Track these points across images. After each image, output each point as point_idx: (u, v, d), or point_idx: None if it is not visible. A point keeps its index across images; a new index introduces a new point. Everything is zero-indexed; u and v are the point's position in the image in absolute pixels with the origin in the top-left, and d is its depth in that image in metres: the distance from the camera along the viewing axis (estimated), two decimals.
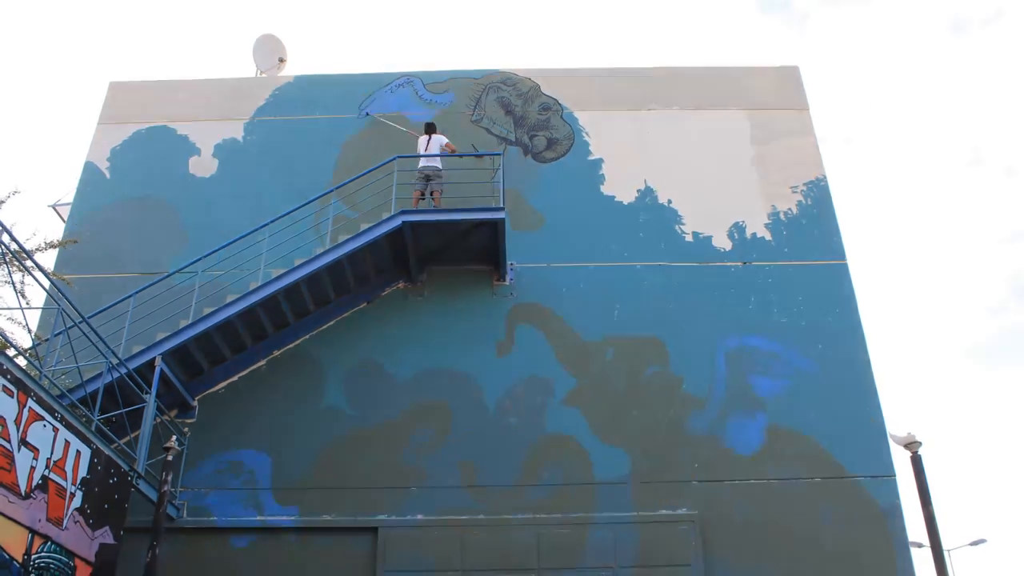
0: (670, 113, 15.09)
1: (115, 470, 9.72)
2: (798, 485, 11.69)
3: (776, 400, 12.30)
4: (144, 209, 14.19)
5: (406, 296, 13.18)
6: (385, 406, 12.25)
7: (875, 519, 11.43)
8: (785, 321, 12.98)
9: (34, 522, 8.07)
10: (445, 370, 12.51)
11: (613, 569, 11.03)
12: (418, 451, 11.90)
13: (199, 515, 11.48)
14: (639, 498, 11.57)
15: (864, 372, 12.55)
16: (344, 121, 15.01)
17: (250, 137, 14.95)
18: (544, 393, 12.32)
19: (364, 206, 13.51)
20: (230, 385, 12.45)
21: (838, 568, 11.09)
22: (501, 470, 11.76)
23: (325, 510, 11.51)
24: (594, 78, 15.50)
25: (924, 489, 10.09)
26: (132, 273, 13.45)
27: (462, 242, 13.02)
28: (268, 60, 16.88)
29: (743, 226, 13.86)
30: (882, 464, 11.82)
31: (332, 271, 12.45)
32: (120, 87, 15.57)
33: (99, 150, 14.83)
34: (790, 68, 15.62)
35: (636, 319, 12.94)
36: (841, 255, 13.60)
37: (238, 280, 12.78)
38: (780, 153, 14.61)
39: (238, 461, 11.87)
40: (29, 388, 8.14)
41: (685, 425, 12.11)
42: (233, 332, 12.12)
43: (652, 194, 14.16)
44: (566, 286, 13.22)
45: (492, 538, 11.25)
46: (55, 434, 8.53)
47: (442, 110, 15.07)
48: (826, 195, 14.20)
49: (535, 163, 14.50)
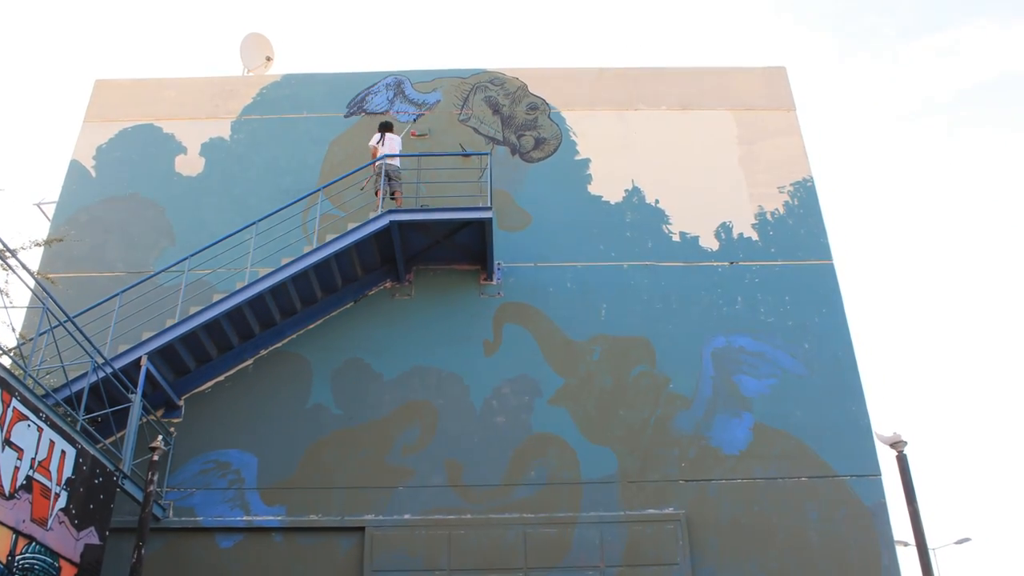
0: (657, 113, 15.13)
1: (100, 470, 9.67)
2: (784, 484, 11.75)
3: (762, 399, 12.35)
4: (130, 208, 14.13)
5: (393, 295, 13.17)
6: (372, 405, 12.23)
7: (861, 518, 11.50)
8: (772, 321, 13.04)
9: (18, 523, 8.03)
10: (432, 369, 12.51)
11: (600, 568, 11.05)
12: (405, 450, 11.90)
13: (185, 515, 11.44)
14: (626, 497, 11.60)
15: (850, 372, 12.62)
16: (331, 120, 14.98)
17: (237, 136, 14.90)
18: (531, 392, 12.33)
19: (351, 205, 13.54)
20: (216, 384, 12.41)
21: (824, 567, 11.16)
22: (488, 469, 11.77)
23: (312, 510, 11.49)
24: (582, 78, 15.52)
25: (909, 488, 10.15)
26: (118, 272, 13.41)
27: (449, 241, 13.02)
28: (255, 59, 16.83)
29: (730, 226, 13.91)
30: (868, 463, 11.89)
31: (319, 270, 12.43)
32: (106, 85, 15.48)
33: (85, 148, 14.76)
34: (777, 69, 15.69)
35: (623, 319, 12.97)
36: (827, 255, 13.67)
37: (225, 279, 12.79)
38: (767, 153, 14.67)
39: (224, 461, 11.84)
40: (13, 388, 8.09)
41: (672, 424, 12.15)
42: (219, 331, 12.08)
43: (639, 194, 14.19)
44: (553, 286, 13.23)
45: (479, 537, 11.26)
46: (40, 434, 8.48)
47: (429, 109, 15.08)
48: (813, 195, 14.27)
49: (522, 163, 14.50)
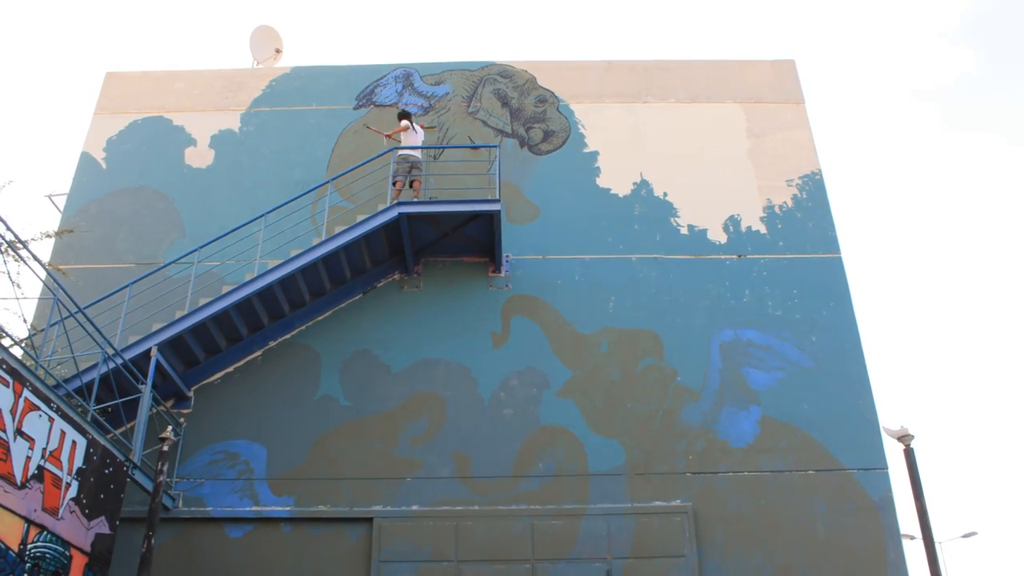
0: (666, 106, 15.10)
1: (111, 460, 9.75)
2: (791, 477, 11.75)
3: (770, 392, 12.35)
4: (140, 200, 14.19)
5: (402, 287, 13.20)
6: (380, 397, 12.28)
7: (868, 511, 11.50)
8: (779, 314, 13.02)
9: (30, 512, 8.11)
10: (440, 361, 12.54)
11: (607, 560, 11.09)
12: (413, 442, 11.94)
13: (194, 505, 11.52)
14: (633, 490, 11.62)
15: (858, 365, 12.60)
16: (340, 112, 15.01)
17: (246, 128, 14.94)
18: (539, 385, 12.36)
19: (360, 197, 13.56)
20: (226, 376, 12.47)
21: (831, 560, 11.16)
22: (496, 461, 11.80)
23: (320, 501, 11.55)
24: (590, 70, 15.49)
25: (916, 482, 10.16)
26: (128, 263, 13.47)
27: (458, 234, 13.04)
28: (265, 51, 16.85)
29: (738, 219, 13.89)
30: (875, 457, 11.88)
31: (328, 262, 12.47)
32: (117, 77, 15.54)
33: (95, 140, 14.82)
34: (786, 62, 15.63)
35: (631, 311, 12.97)
36: (836, 249, 13.64)
37: (234, 271, 12.84)
38: (776, 147, 14.63)
39: (234, 451, 11.90)
40: (25, 378, 8.16)
41: (679, 417, 12.16)
42: (229, 323, 12.14)
43: (648, 187, 14.18)
44: (561, 278, 13.24)
45: (487, 529, 11.30)
46: (51, 424, 8.56)
47: (439, 101, 15.09)
48: (821, 189, 14.22)
49: (531, 155, 14.50)
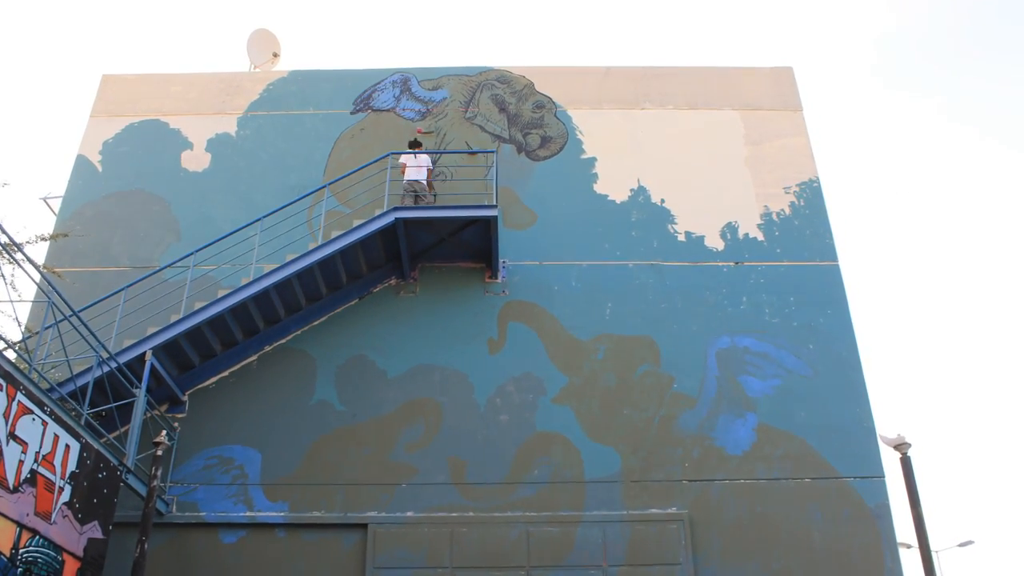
0: (664, 112, 15.11)
1: (104, 464, 9.69)
2: (788, 485, 11.73)
3: (767, 400, 12.33)
4: (136, 203, 14.14)
5: (398, 292, 13.17)
6: (376, 402, 12.23)
7: (864, 519, 11.48)
8: (776, 321, 13.01)
9: (22, 516, 8.05)
10: (436, 367, 12.50)
11: (602, 567, 11.05)
12: (408, 448, 11.90)
13: (188, 510, 11.46)
14: (629, 497, 11.59)
15: (855, 373, 12.59)
16: (337, 117, 14.99)
17: (243, 132, 14.91)
18: (535, 391, 12.33)
19: (357, 202, 13.55)
20: (221, 380, 12.43)
21: (827, 568, 11.13)
22: (491, 467, 11.76)
23: (315, 506, 11.49)
24: (588, 76, 15.50)
25: (913, 490, 10.15)
26: (123, 267, 13.43)
27: (455, 239, 13.01)
28: (262, 55, 16.83)
29: (735, 226, 13.88)
30: (871, 465, 11.86)
31: (324, 267, 12.43)
32: (113, 80, 15.51)
33: (91, 143, 14.78)
34: (784, 69, 15.65)
35: (628, 318, 12.95)
36: (833, 256, 13.64)
37: (230, 275, 12.81)
38: (773, 154, 14.64)
39: (228, 456, 11.85)
40: (18, 381, 8.11)
41: (676, 424, 12.13)
42: (224, 327, 12.09)
43: (645, 193, 14.17)
44: (558, 284, 13.22)
45: (482, 535, 11.26)
46: (44, 428, 8.50)
47: (436, 107, 15.08)
48: (819, 196, 14.23)
49: (528, 161, 14.49)
